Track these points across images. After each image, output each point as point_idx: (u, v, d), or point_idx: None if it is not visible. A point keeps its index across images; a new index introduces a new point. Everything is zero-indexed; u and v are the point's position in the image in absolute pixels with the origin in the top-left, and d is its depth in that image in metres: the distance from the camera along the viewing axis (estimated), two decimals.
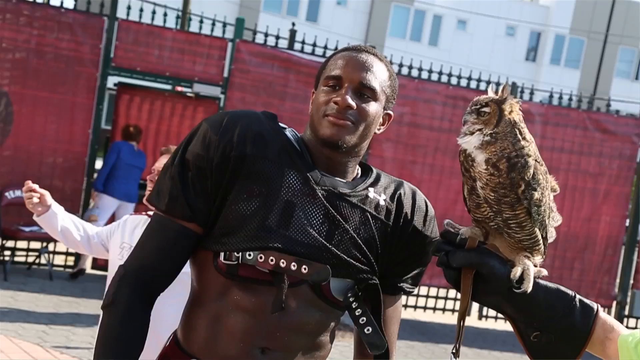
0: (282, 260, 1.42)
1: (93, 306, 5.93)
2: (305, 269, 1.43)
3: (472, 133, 1.30)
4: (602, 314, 1.32)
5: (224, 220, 1.45)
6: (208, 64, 6.95)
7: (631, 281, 7.91)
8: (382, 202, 1.55)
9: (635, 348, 1.24)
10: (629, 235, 7.95)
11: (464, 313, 1.35)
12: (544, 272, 1.33)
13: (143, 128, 7.01)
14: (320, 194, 1.48)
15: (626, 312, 7.80)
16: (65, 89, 6.63)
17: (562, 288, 1.32)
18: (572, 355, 1.29)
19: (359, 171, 1.62)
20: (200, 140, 1.47)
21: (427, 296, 7.76)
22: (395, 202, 1.56)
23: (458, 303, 7.83)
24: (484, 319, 7.86)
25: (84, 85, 6.68)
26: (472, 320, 7.85)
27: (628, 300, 7.87)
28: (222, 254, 1.44)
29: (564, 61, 29.13)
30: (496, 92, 1.32)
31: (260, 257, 1.42)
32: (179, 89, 7.67)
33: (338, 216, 1.48)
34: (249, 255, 1.42)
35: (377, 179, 1.59)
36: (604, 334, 1.30)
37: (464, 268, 1.31)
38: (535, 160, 1.30)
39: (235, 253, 1.43)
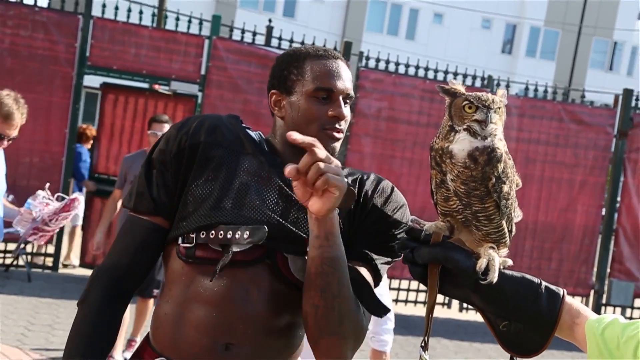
0: (229, 232, 1.46)
1: (72, 307, 5.85)
2: (247, 233, 1.46)
3: (492, 133, 1.30)
4: (569, 299, 1.33)
5: (183, 206, 1.52)
6: (185, 61, 6.91)
7: (608, 270, 8.02)
8: None
9: (602, 334, 1.26)
10: (605, 225, 8.05)
11: (431, 307, 1.36)
12: (509, 262, 1.35)
13: (128, 127, 6.99)
14: (275, 176, 1.52)
15: (604, 301, 7.91)
16: (41, 89, 6.55)
17: (528, 276, 1.34)
18: (541, 341, 1.31)
19: None
20: (164, 139, 1.57)
21: (407, 290, 7.80)
22: (357, 184, 1.58)
23: (440, 296, 7.95)
24: (464, 311, 7.92)
25: (60, 84, 6.61)
26: (453, 313, 7.91)
27: (605, 289, 7.98)
28: (180, 239, 1.50)
29: (540, 53, 29.38)
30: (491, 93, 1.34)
31: (212, 234, 1.47)
32: (157, 87, 7.62)
33: (293, 195, 1.49)
34: (203, 234, 1.48)
35: (342, 169, 1.62)
36: (571, 319, 1.31)
37: (430, 263, 1.32)
38: (505, 154, 1.31)
39: (191, 234, 1.48)
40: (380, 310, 1.51)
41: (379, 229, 1.55)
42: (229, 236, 1.46)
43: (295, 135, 1.30)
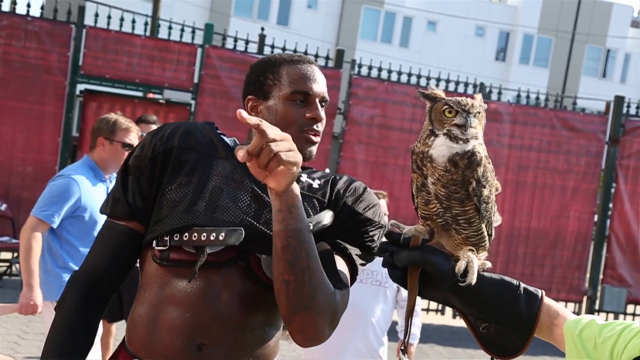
0: (203, 234, 1.48)
1: None
2: (222, 235, 1.48)
3: (474, 137, 1.32)
4: (547, 300, 1.35)
5: (157, 210, 1.54)
6: (178, 70, 6.94)
7: (601, 276, 8.05)
8: (315, 185, 1.61)
9: (580, 335, 1.28)
10: (597, 231, 8.09)
11: (411, 310, 1.37)
12: (488, 264, 1.37)
13: None
14: (247, 179, 1.55)
15: (597, 307, 7.94)
16: (34, 98, 6.57)
17: (507, 278, 1.36)
18: (521, 343, 1.33)
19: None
20: (139, 145, 1.60)
21: None
22: (329, 184, 1.62)
23: (426, 302, 7.84)
24: (458, 317, 7.94)
25: (53, 93, 6.63)
26: (446, 319, 7.93)
27: (598, 295, 8.01)
28: (154, 242, 1.52)
29: (533, 60, 29.51)
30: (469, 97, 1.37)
31: (185, 236, 1.49)
32: (151, 95, 7.64)
33: (265, 196, 1.53)
34: (176, 236, 1.50)
35: (313, 171, 1.67)
36: (549, 320, 1.33)
37: (409, 267, 1.34)
38: (485, 158, 1.34)
39: (165, 237, 1.51)
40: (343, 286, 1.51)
41: (351, 225, 1.58)
42: (203, 238, 1.48)
43: (243, 114, 1.27)
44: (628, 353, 1.21)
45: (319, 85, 1.60)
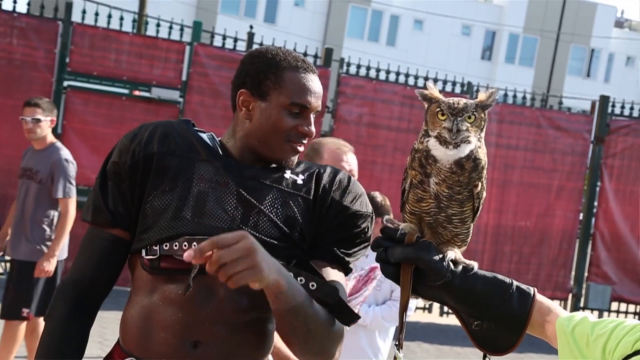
0: (193, 244, 1.45)
1: None
2: None
3: (465, 141, 1.30)
4: (539, 297, 1.36)
5: (143, 218, 1.52)
6: (166, 67, 6.91)
7: (586, 274, 8.12)
8: (299, 181, 1.58)
9: (572, 332, 1.29)
10: (582, 229, 8.16)
11: (404, 306, 1.38)
12: (475, 264, 1.38)
13: (99, 132, 6.86)
14: (231, 181, 1.53)
15: (582, 304, 8.01)
16: (20, 95, 6.49)
17: (499, 276, 1.37)
18: (513, 340, 1.34)
19: None
20: (117, 150, 1.57)
21: None
22: (313, 179, 1.59)
23: (422, 300, 7.97)
24: (445, 315, 7.98)
25: (39, 90, 6.57)
26: (434, 317, 7.97)
27: (583, 292, 8.09)
28: (143, 251, 1.51)
29: (519, 59, 29.68)
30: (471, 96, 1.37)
31: (175, 245, 1.48)
32: (137, 92, 7.60)
33: (251, 199, 1.52)
34: (166, 246, 1.49)
35: (297, 164, 1.64)
36: (541, 317, 1.34)
37: (403, 263, 1.34)
38: (485, 159, 1.35)
39: (154, 246, 1.49)
40: (351, 319, 1.53)
41: (341, 221, 1.57)
42: (194, 247, 1.45)
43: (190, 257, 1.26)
44: (620, 351, 1.22)
45: (317, 97, 1.57)
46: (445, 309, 7.83)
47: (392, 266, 1.35)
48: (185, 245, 1.47)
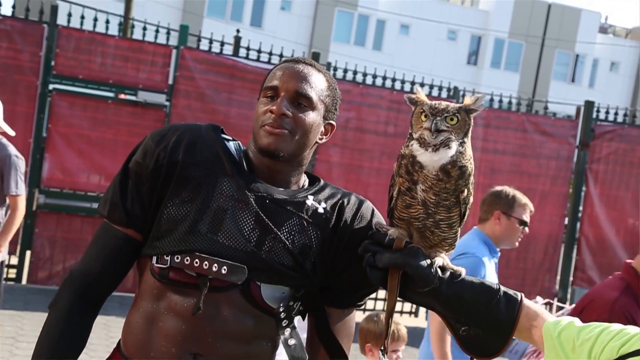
0: (205, 263, 1.46)
1: (36, 319, 5.79)
2: (225, 269, 1.46)
3: (445, 144, 1.30)
4: (527, 302, 1.38)
5: (158, 225, 1.51)
6: (152, 71, 6.89)
7: (571, 278, 8.18)
8: (320, 210, 1.55)
9: (559, 336, 1.31)
10: (567, 234, 8.21)
11: (391, 312, 1.39)
12: (463, 271, 1.39)
13: (85, 136, 6.82)
14: (252, 201, 1.50)
15: None
16: (5, 98, 6.43)
17: (487, 282, 1.38)
18: (500, 344, 1.36)
19: (306, 182, 1.64)
20: (141, 149, 1.55)
21: (375, 299, 7.85)
22: (336, 210, 1.56)
23: (408, 305, 7.86)
24: None
25: (24, 93, 6.53)
26: (420, 322, 7.98)
27: (568, 297, 8.14)
28: (154, 258, 1.50)
29: (504, 64, 29.84)
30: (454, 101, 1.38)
31: (187, 260, 1.47)
32: (123, 96, 7.57)
33: (270, 223, 1.50)
34: (177, 258, 1.48)
35: (322, 189, 1.60)
36: (528, 322, 1.36)
37: (391, 268, 1.34)
38: (470, 164, 1.36)
39: (165, 256, 1.48)
40: None
41: (360, 260, 1.49)
42: (205, 267, 1.46)
43: None
44: (606, 355, 1.24)
45: (295, 80, 1.53)
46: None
47: (380, 271, 1.35)
48: (196, 263, 1.46)
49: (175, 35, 7.25)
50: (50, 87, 6.68)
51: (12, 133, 4.52)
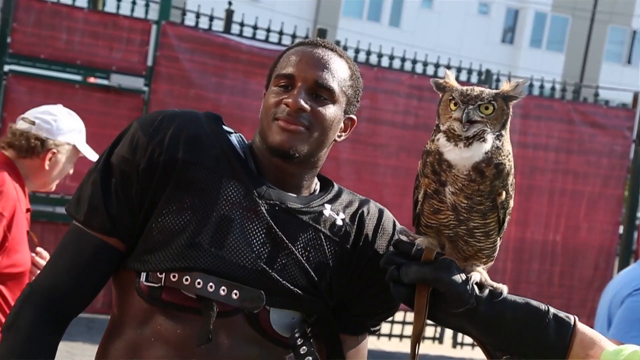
0: (210, 284, 1.44)
1: None
2: (236, 294, 1.45)
3: (479, 137, 1.30)
4: (581, 327, 1.37)
5: (149, 235, 1.48)
6: (128, 50, 6.89)
7: None
8: (339, 222, 1.55)
9: None
10: (623, 245, 8.18)
11: (418, 335, 1.38)
12: (505, 288, 1.38)
13: None
14: (263, 209, 1.49)
15: None
16: None
17: (533, 302, 1.37)
18: None
19: (317, 186, 1.64)
20: (128, 142, 1.51)
21: (392, 322, 7.83)
22: (355, 223, 1.56)
23: (431, 329, 7.86)
24: (459, 346, 7.98)
25: None
26: (445, 349, 7.97)
27: None
28: (143, 275, 1.47)
29: (546, 43, 29.83)
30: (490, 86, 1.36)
31: (186, 280, 1.45)
32: (93, 80, 7.57)
33: (283, 236, 1.49)
34: (173, 276, 1.45)
35: (337, 195, 1.60)
36: (583, 351, 1.35)
37: (418, 284, 1.33)
38: (509, 162, 1.35)
39: (158, 273, 1.46)
40: None
41: (381, 280, 1.48)
42: (209, 289, 1.44)
43: None
44: None
45: (314, 69, 1.54)
46: (460, 339, 7.85)
47: (405, 287, 1.35)
48: (198, 284, 1.44)
49: (156, 8, 7.26)
50: (6, 68, 6.68)
51: (93, 158, 4.53)
